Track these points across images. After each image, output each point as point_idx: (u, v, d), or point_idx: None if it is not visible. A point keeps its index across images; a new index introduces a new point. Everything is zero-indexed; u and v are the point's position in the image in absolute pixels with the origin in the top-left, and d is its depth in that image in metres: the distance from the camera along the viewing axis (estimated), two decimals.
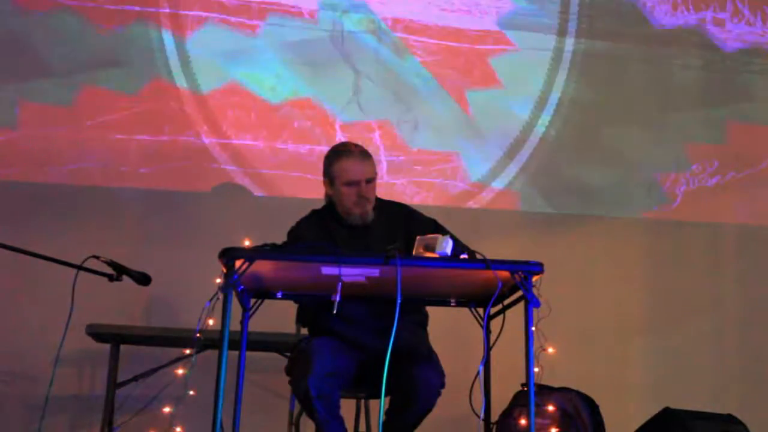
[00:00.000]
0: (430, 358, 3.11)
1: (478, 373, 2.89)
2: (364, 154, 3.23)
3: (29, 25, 4.63)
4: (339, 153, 3.24)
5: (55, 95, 4.59)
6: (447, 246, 2.83)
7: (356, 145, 3.27)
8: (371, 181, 3.20)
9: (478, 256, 2.82)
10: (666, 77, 5.12)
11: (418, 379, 2.98)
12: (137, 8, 4.70)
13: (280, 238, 3.17)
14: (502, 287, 2.79)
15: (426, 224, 3.22)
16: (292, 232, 3.26)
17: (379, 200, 3.28)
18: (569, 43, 5.04)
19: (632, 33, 5.11)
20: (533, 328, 2.75)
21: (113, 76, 4.64)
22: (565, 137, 4.97)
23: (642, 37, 5.11)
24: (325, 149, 3.35)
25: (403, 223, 3.22)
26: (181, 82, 4.69)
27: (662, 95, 5.10)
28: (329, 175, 3.23)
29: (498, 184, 4.86)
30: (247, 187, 4.65)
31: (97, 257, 3.22)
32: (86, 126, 4.57)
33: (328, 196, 3.30)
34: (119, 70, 4.66)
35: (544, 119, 4.96)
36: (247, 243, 3.65)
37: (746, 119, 5.16)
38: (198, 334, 2.81)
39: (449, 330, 3.54)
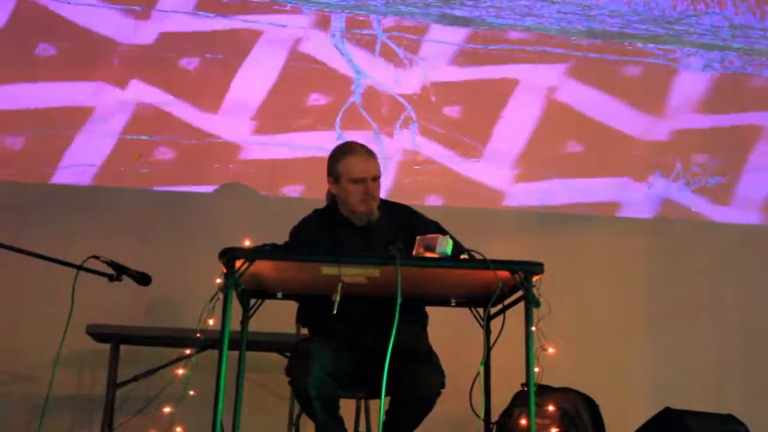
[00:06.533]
0: (430, 359, 3.11)
1: (478, 373, 2.89)
2: (370, 153, 3.24)
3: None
4: (345, 151, 3.25)
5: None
6: (447, 246, 2.83)
7: (361, 145, 3.29)
8: (377, 179, 3.21)
9: (478, 256, 2.82)
10: (667, 76, 5.11)
11: (418, 380, 2.98)
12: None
13: (282, 238, 3.16)
14: (502, 287, 2.79)
15: (428, 226, 3.22)
16: (294, 232, 3.27)
17: (382, 201, 3.28)
18: (570, 43, 5.05)
19: (634, 32, 5.11)
20: (533, 328, 2.75)
21: None
22: (565, 137, 4.96)
23: (643, 36, 5.11)
24: (325, 149, 3.35)
25: (406, 224, 3.22)
26: None
27: (664, 94, 5.10)
28: (334, 174, 3.23)
29: (498, 184, 4.86)
30: (250, 187, 4.64)
31: (97, 257, 3.22)
32: (86, 126, 4.57)
33: (331, 196, 3.30)
34: None
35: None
36: (247, 243, 3.64)
37: (747, 119, 5.16)
38: (198, 334, 2.81)
39: (449, 330, 3.54)
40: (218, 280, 2.82)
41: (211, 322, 2.81)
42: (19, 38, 4.61)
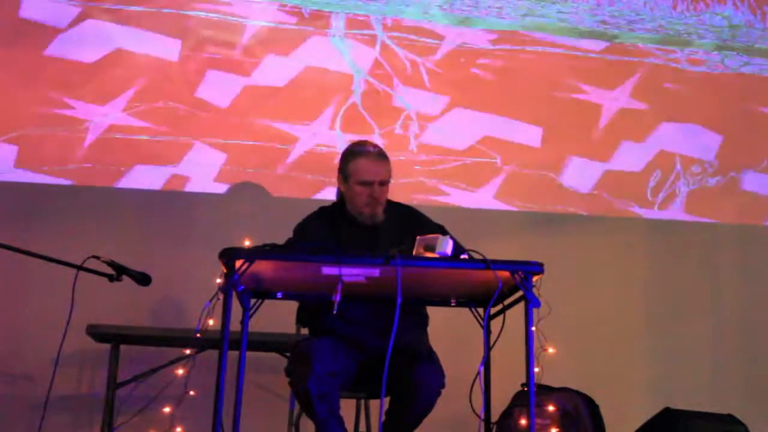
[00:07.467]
0: (431, 359, 3.11)
1: (478, 373, 2.89)
2: (381, 156, 3.23)
3: None
4: (356, 151, 3.24)
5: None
6: (447, 246, 2.83)
7: (374, 146, 3.28)
8: (385, 183, 3.20)
9: (478, 257, 2.82)
10: (667, 76, 5.11)
11: (418, 379, 2.98)
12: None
13: (283, 238, 3.16)
14: (502, 287, 2.79)
15: (433, 229, 3.21)
16: (298, 229, 3.26)
17: (389, 202, 3.28)
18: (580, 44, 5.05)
19: (634, 32, 5.11)
20: (533, 328, 2.75)
21: None
22: (565, 137, 4.96)
23: (643, 37, 5.11)
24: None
25: (412, 226, 3.21)
26: None
27: (663, 94, 5.10)
28: (344, 172, 3.23)
29: (498, 184, 4.86)
30: (250, 186, 4.64)
31: (97, 257, 3.22)
32: (86, 126, 4.57)
33: (340, 193, 3.30)
34: None
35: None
36: (247, 243, 3.65)
37: (747, 118, 5.16)
38: (198, 334, 2.81)
39: (449, 330, 3.54)
40: (218, 280, 2.82)
41: (211, 322, 2.81)
42: None
